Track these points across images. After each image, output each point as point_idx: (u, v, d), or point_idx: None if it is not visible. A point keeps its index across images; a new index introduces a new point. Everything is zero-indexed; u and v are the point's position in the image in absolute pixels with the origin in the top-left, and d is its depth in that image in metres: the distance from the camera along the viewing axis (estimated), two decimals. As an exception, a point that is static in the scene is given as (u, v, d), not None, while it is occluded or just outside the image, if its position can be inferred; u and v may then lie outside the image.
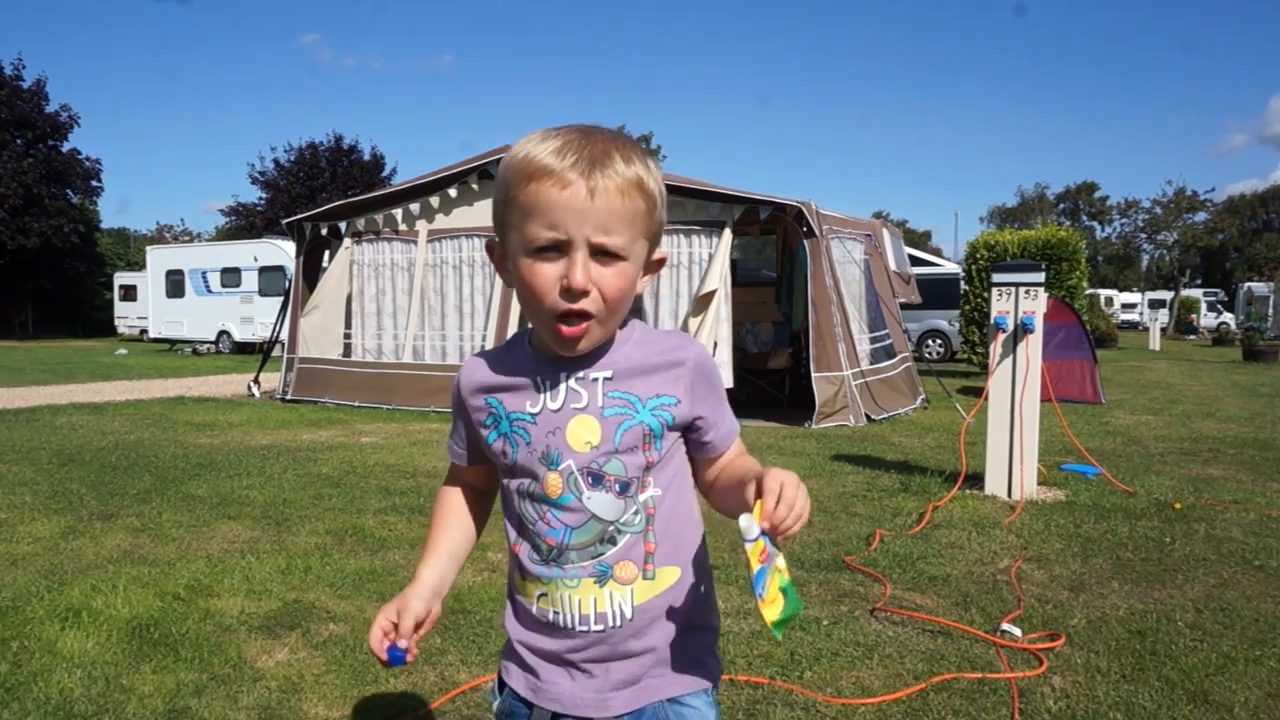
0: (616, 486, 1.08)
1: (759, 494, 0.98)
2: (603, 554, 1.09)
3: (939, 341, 18.61)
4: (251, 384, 11.44)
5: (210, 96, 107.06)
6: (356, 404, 9.88)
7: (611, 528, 1.09)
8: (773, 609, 0.99)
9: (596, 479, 1.08)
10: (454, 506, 1.27)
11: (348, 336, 10.48)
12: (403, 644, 1.13)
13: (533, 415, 1.10)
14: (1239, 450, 6.86)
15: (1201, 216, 52.31)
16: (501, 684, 1.19)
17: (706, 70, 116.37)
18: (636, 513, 1.09)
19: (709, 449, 1.15)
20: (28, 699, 2.55)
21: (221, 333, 22.77)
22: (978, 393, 10.97)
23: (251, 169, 36.82)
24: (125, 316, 30.13)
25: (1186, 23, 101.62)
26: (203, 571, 3.74)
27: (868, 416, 8.44)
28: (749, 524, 0.98)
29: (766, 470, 1.00)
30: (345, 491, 5.40)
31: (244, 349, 21.96)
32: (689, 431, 1.14)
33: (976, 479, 5.40)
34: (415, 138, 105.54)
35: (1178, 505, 4.90)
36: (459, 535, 1.25)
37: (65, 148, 34.39)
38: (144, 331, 27.34)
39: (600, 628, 1.09)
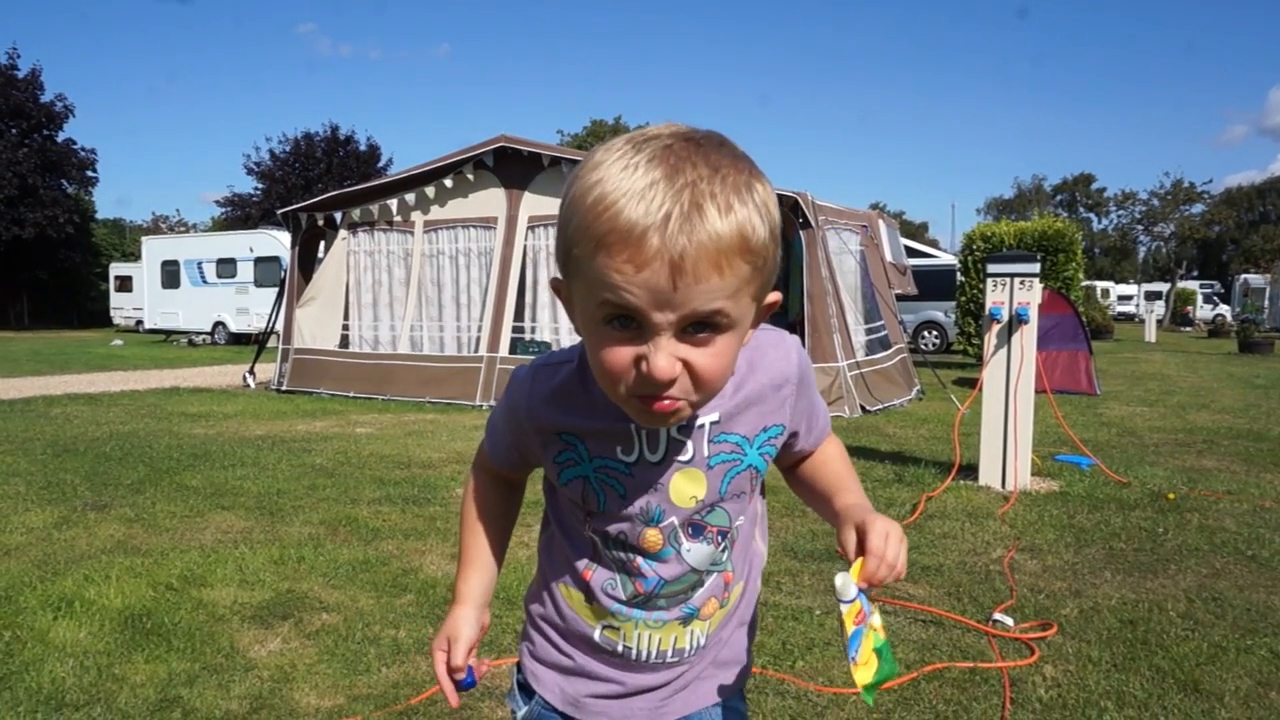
0: (717, 536, 0.99)
1: (860, 550, 0.90)
2: (691, 598, 1.01)
3: (935, 333, 18.62)
4: (247, 375, 11.43)
5: (205, 87, 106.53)
6: (352, 394, 9.87)
7: (704, 574, 1.01)
8: (865, 671, 0.93)
9: (697, 530, 0.98)
10: (486, 510, 1.13)
11: (345, 327, 10.46)
12: (459, 676, 1.08)
13: (627, 465, 0.95)
14: (1233, 441, 6.87)
15: (1199, 208, 52.37)
16: (525, 688, 1.09)
17: (704, 61, 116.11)
18: (724, 550, 1.01)
19: (799, 454, 1.07)
20: (19, 688, 2.54)
21: (217, 323, 22.71)
22: (973, 384, 10.98)
23: (247, 159, 36.78)
24: (121, 307, 30.06)
25: (1186, 13, 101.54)
26: (196, 562, 3.73)
27: (863, 407, 8.45)
28: (845, 584, 0.92)
29: (870, 523, 0.91)
30: (339, 482, 5.40)
31: (239, 340, 21.92)
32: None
33: (971, 470, 5.41)
34: (412, 128, 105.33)
35: (1171, 496, 4.91)
36: (496, 537, 1.13)
37: (60, 138, 34.23)
38: (139, 322, 27.28)
39: (676, 659, 1.03)
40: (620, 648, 1.02)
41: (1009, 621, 3.04)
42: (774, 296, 0.87)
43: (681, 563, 0.98)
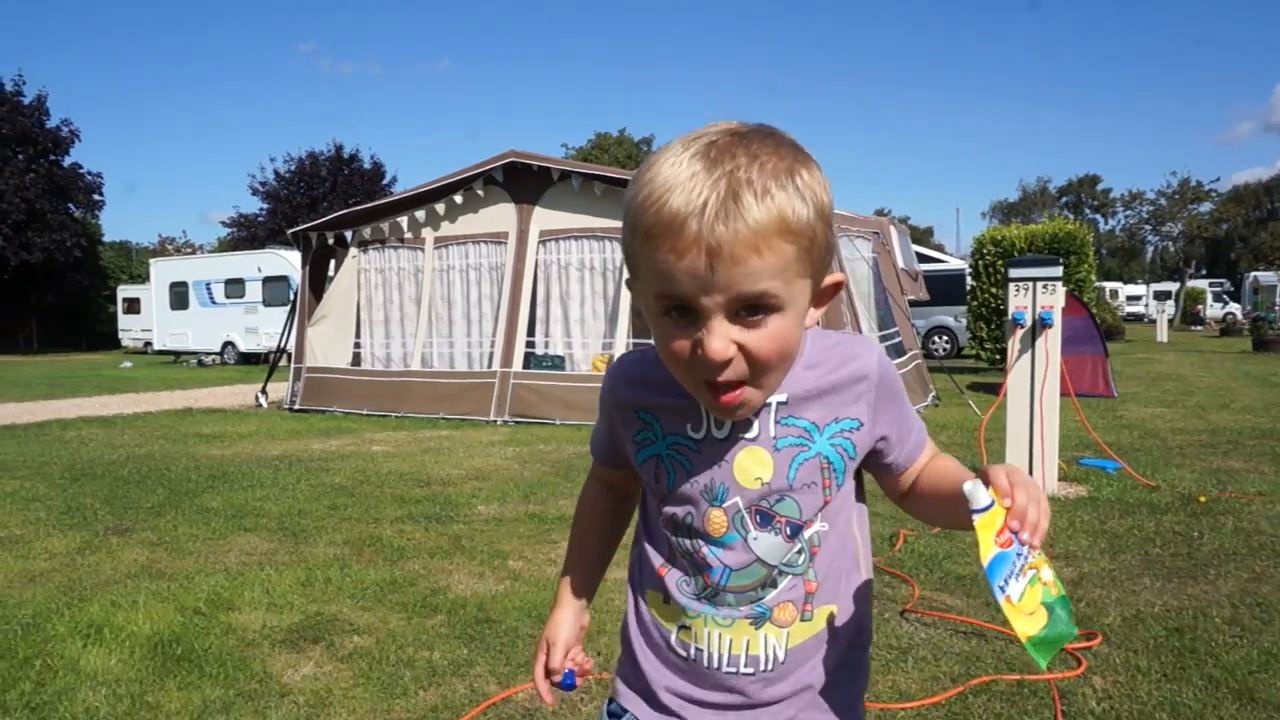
0: (788, 529, 0.96)
1: (985, 481, 0.84)
2: (763, 597, 0.98)
3: (945, 338, 18.55)
4: (259, 394, 11.42)
5: (209, 108, 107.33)
6: (365, 412, 9.85)
7: (775, 571, 0.97)
8: (1031, 622, 0.81)
9: (766, 519, 0.96)
10: (592, 514, 1.17)
11: (357, 345, 10.46)
12: (555, 678, 1.11)
13: (695, 442, 0.97)
14: (1258, 441, 6.80)
15: (1206, 207, 52.20)
16: (618, 711, 1.07)
17: (708, 70, 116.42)
18: (800, 551, 0.97)
19: (892, 469, 1.02)
20: (53, 718, 2.51)
21: (226, 344, 22.76)
22: (987, 389, 10.94)
23: (252, 179, 37.03)
24: (129, 329, 30.17)
25: (1190, 10, 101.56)
26: (222, 585, 3.70)
27: (880, 415, 8.39)
28: (975, 489, 0.83)
29: (1013, 471, 0.85)
30: (360, 501, 5.37)
31: (249, 360, 21.96)
32: (870, 453, 1.00)
33: (996, 476, 5.34)
34: (415, 145, 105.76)
35: (1202, 499, 4.84)
36: (598, 540, 1.17)
37: (66, 162, 34.47)
38: (148, 344, 27.36)
39: (750, 670, 0.98)
40: (693, 650, 0.99)
41: (1052, 631, 2.98)
42: (836, 277, 0.90)
43: (748, 551, 0.96)
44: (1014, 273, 5.20)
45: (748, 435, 0.95)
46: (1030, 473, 5.11)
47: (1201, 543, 4.05)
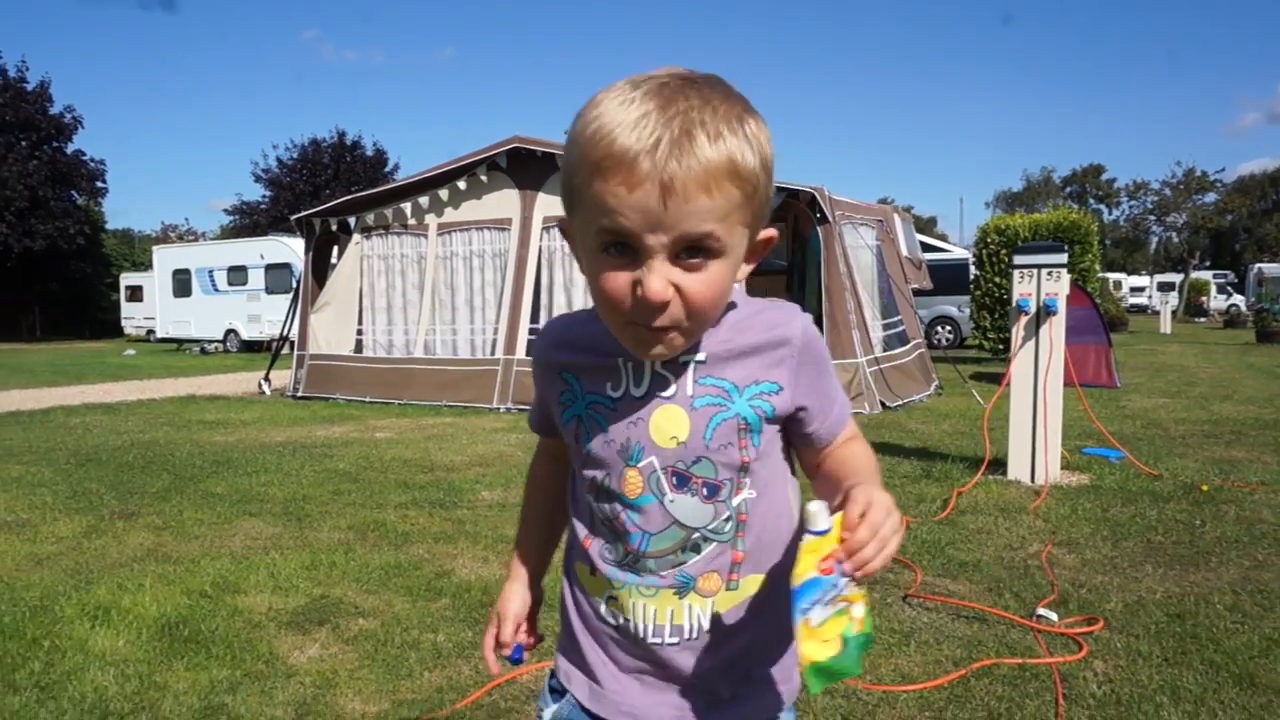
0: (704, 490, 0.95)
1: (843, 504, 0.84)
2: (684, 563, 0.96)
3: (948, 327, 18.53)
4: (262, 381, 11.45)
5: (212, 95, 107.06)
6: (368, 399, 9.87)
7: (696, 535, 0.96)
8: (821, 647, 0.79)
9: (681, 480, 0.95)
10: (539, 486, 1.18)
11: (359, 332, 10.47)
12: (505, 652, 1.10)
13: (612, 400, 0.96)
14: (1260, 432, 6.80)
15: (1211, 197, 51.98)
16: (556, 690, 1.07)
17: (711, 58, 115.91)
18: (728, 519, 0.96)
19: (813, 440, 0.99)
20: (64, 698, 2.53)
21: (229, 331, 22.80)
22: (990, 378, 10.94)
23: (255, 167, 37.01)
24: (132, 317, 30.21)
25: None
26: (228, 568, 3.72)
27: (883, 404, 8.40)
28: (819, 511, 0.82)
29: (871, 491, 0.85)
30: (364, 487, 5.39)
31: (252, 347, 21.99)
32: (790, 421, 0.98)
33: (998, 464, 5.35)
34: (417, 132, 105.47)
35: (1204, 488, 4.85)
36: (545, 511, 1.16)
37: (69, 149, 34.43)
38: (151, 332, 27.41)
39: (675, 640, 0.98)
40: (621, 619, 0.99)
41: (1053, 616, 3.00)
42: (769, 232, 0.91)
43: (665, 514, 0.95)
44: (1019, 259, 5.19)
45: (665, 394, 0.94)
46: (1033, 461, 5.13)
47: (1203, 531, 4.06)
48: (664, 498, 0.95)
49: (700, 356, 0.94)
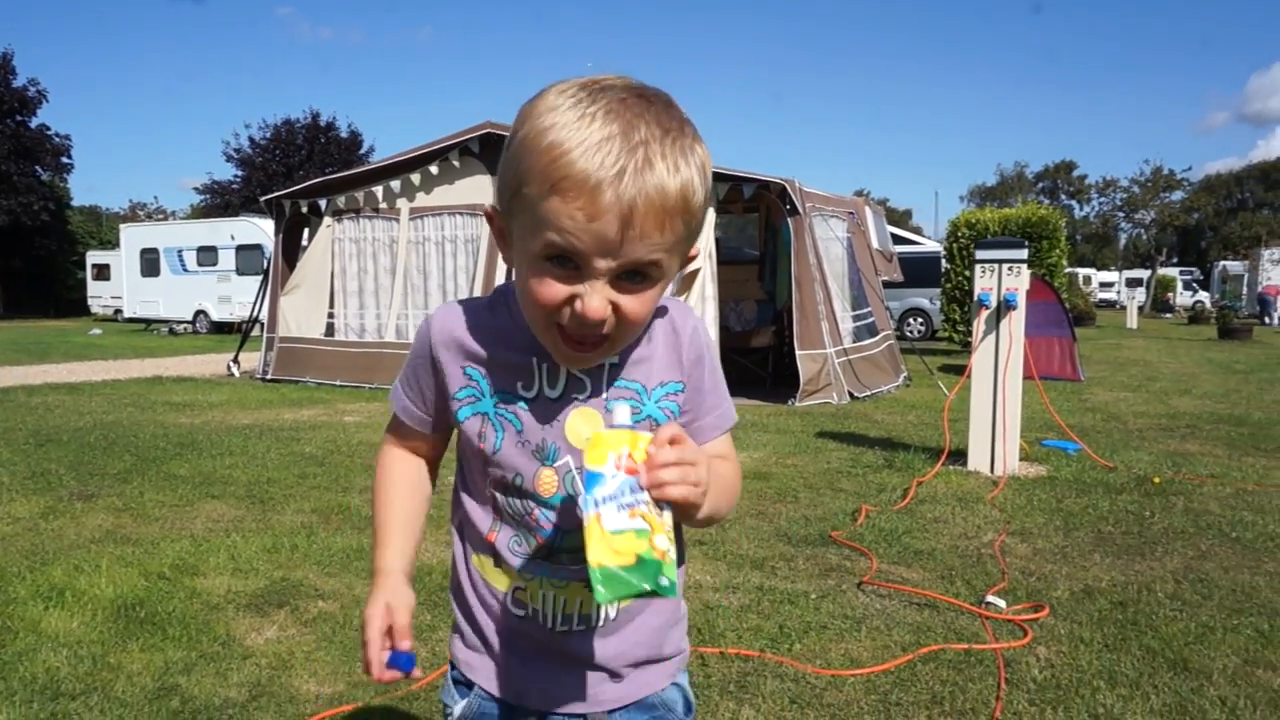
0: None
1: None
2: None
3: (920, 320, 18.73)
4: (231, 363, 11.33)
5: (183, 71, 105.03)
6: (338, 383, 9.81)
7: None
8: (611, 555, 0.78)
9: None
10: (405, 478, 1.08)
11: (330, 315, 10.38)
12: (405, 645, 0.96)
13: (526, 401, 0.96)
14: (1215, 426, 6.97)
15: (1178, 195, 52.83)
16: (461, 682, 1.05)
17: (688, 45, 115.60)
18: None
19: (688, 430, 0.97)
20: (14, 678, 2.52)
21: (199, 312, 22.48)
22: (959, 370, 11.08)
23: (226, 146, 36.36)
24: (99, 296, 29.67)
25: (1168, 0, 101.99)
26: (187, 550, 3.71)
27: (851, 394, 8.49)
28: (623, 409, 0.86)
29: (679, 431, 0.86)
30: (330, 470, 5.37)
31: (222, 329, 21.71)
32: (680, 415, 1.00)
33: (959, 455, 5.45)
34: (393, 114, 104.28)
35: (1156, 480, 4.97)
36: (410, 507, 1.07)
37: (33, 123, 33.66)
38: (118, 311, 26.95)
39: (582, 628, 1.00)
40: (530, 610, 0.99)
41: (1001, 604, 3.07)
42: (694, 250, 0.92)
43: (579, 512, 0.96)
44: (980, 254, 5.27)
45: (580, 395, 0.95)
46: (992, 452, 5.22)
47: (1152, 522, 4.17)
48: (579, 496, 0.96)
49: (614, 359, 0.96)
